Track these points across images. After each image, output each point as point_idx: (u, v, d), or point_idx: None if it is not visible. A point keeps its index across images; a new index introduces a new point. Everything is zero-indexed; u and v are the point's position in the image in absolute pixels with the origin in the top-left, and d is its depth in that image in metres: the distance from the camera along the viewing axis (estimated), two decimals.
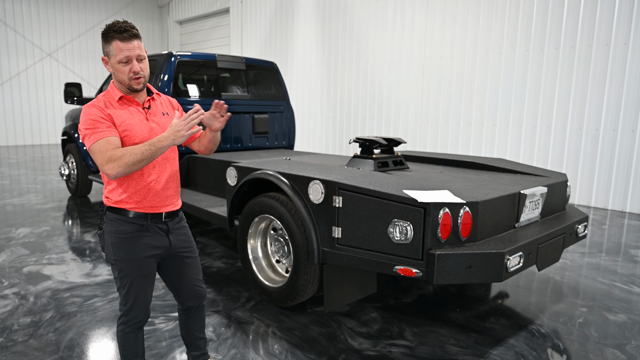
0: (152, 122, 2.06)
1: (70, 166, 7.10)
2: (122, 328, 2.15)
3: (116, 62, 1.93)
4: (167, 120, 2.12)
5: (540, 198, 3.18)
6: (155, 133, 2.03)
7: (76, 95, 6.39)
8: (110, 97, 2.00)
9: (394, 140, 3.92)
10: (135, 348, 2.20)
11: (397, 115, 9.54)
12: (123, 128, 1.96)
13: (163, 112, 2.13)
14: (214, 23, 15.27)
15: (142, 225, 2.04)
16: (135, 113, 2.02)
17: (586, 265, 4.44)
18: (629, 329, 3.19)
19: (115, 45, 1.91)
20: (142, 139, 1.97)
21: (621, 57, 6.55)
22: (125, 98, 2.02)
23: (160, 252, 2.11)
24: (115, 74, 1.96)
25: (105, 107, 1.95)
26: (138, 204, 2.03)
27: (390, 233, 2.56)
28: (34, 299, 3.52)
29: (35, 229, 5.44)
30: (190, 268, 2.24)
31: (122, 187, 2.01)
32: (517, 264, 2.61)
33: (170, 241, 2.13)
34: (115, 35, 1.90)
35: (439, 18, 8.60)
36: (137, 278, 2.06)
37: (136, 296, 2.08)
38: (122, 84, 1.99)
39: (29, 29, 14.70)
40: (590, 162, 7.01)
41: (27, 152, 13.08)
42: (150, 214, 2.06)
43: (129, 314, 2.11)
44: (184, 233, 2.21)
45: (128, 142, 1.96)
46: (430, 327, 3.16)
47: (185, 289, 2.26)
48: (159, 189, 2.06)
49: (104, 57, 1.98)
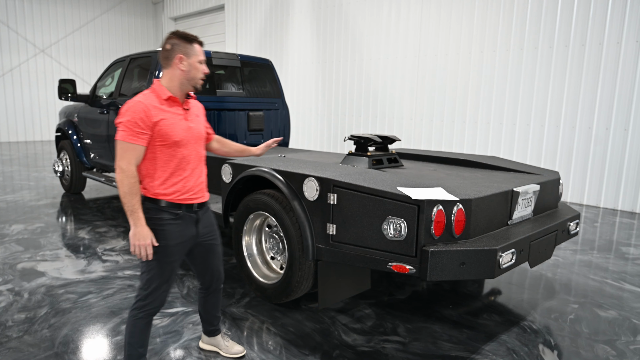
0: (190, 122, 2.27)
1: (64, 163, 7.08)
2: (136, 313, 2.26)
3: (197, 62, 2.21)
4: (199, 122, 2.36)
5: (532, 196, 3.21)
6: (191, 131, 2.25)
7: (70, 92, 6.36)
8: (158, 95, 2.19)
9: (388, 137, 3.94)
10: (142, 337, 2.30)
11: (391, 113, 9.56)
12: (164, 125, 2.14)
13: (196, 114, 2.36)
14: (208, 20, 15.22)
15: (177, 214, 2.23)
16: (177, 112, 2.22)
17: (578, 263, 4.49)
18: (619, 325, 3.23)
19: (197, 48, 2.23)
20: (180, 136, 2.19)
21: (614, 56, 6.60)
22: (171, 98, 2.20)
23: (188, 240, 2.30)
24: (190, 71, 2.20)
25: (152, 108, 2.12)
26: (173, 195, 2.22)
27: (384, 230, 2.59)
28: (28, 295, 3.51)
29: (29, 225, 5.42)
30: (214, 255, 2.49)
31: (159, 180, 2.20)
32: (509, 261, 2.64)
33: (198, 230, 2.34)
34: (196, 40, 2.24)
35: (434, 16, 8.63)
36: (162, 264, 2.22)
37: (159, 282, 2.23)
38: (190, 81, 2.22)
39: (22, 25, 14.59)
40: (582, 160, 7.07)
41: (21, 149, 13.00)
42: (185, 205, 2.25)
43: (147, 299, 2.24)
44: (210, 222, 2.44)
45: (167, 137, 2.15)
46: (424, 323, 3.19)
47: (208, 273, 2.51)
48: (192, 183, 2.27)
49: (181, 55, 2.18)
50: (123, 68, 5.74)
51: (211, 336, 2.74)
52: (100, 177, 6.10)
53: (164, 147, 2.16)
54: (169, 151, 2.17)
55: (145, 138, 2.11)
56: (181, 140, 2.19)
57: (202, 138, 2.35)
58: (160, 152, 2.17)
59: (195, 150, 2.28)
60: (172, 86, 2.22)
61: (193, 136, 2.26)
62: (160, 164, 2.18)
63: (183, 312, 3.27)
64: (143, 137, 2.10)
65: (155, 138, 2.14)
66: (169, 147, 2.17)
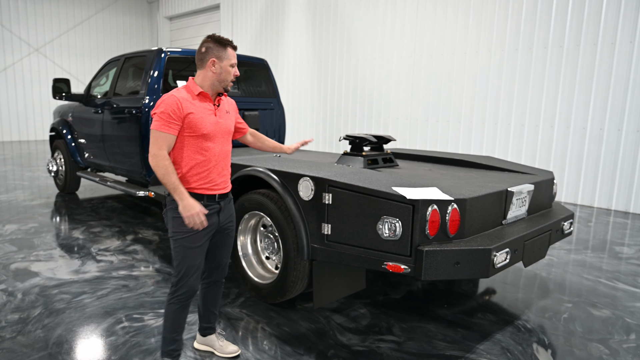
0: (219, 118, 2.41)
1: (58, 162, 7.04)
2: (170, 299, 2.40)
3: (228, 65, 2.36)
4: (229, 118, 2.49)
5: (527, 195, 3.22)
6: (218, 126, 2.39)
7: (64, 91, 6.33)
8: (190, 91, 2.35)
9: (383, 137, 3.94)
10: (176, 322, 2.43)
11: (387, 113, 9.57)
12: (193, 117, 2.28)
13: (227, 111, 2.50)
14: (204, 19, 15.19)
15: (200, 203, 2.32)
16: (207, 107, 2.37)
17: (572, 262, 4.51)
18: (613, 324, 3.25)
19: (230, 52, 2.37)
20: (208, 130, 2.33)
21: (608, 57, 6.64)
22: (202, 94, 2.35)
23: (211, 228, 2.41)
24: (221, 73, 2.34)
25: (184, 101, 2.28)
26: (197, 185, 2.35)
27: (379, 229, 2.59)
28: (21, 295, 3.49)
29: (23, 225, 5.39)
30: (226, 245, 2.58)
31: (184, 170, 2.34)
32: (503, 260, 2.65)
33: (220, 219, 2.45)
34: (230, 45, 2.37)
35: (430, 16, 8.65)
36: (190, 249, 2.35)
37: (188, 267, 2.35)
38: (221, 83, 2.37)
39: (17, 24, 14.51)
40: (577, 160, 7.10)
41: (14, 149, 12.93)
42: (207, 195, 2.37)
43: (177, 285, 2.37)
44: (230, 212, 2.56)
45: (196, 129, 2.30)
46: (418, 322, 3.20)
47: (215, 261, 2.60)
48: (216, 175, 2.39)
49: (214, 59, 2.33)
50: (118, 67, 5.72)
51: (206, 336, 2.75)
52: (95, 177, 6.08)
53: (192, 138, 2.31)
54: (196, 142, 2.32)
55: (176, 128, 2.27)
56: (209, 133, 2.33)
57: (230, 133, 2.49)
58: (188, 143, 2.31)
59: (222, 144, 2.41)
60: (204, 85, 2.37)
61: (220, 130, 2.40)
62: (186, 154, 2.32)
63: None
64: (174, 127, 2.26)
65: (184, 129, 2.29)
66: (197, 139, 2.32)
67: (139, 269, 4.10)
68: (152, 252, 4.54)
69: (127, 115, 5.13)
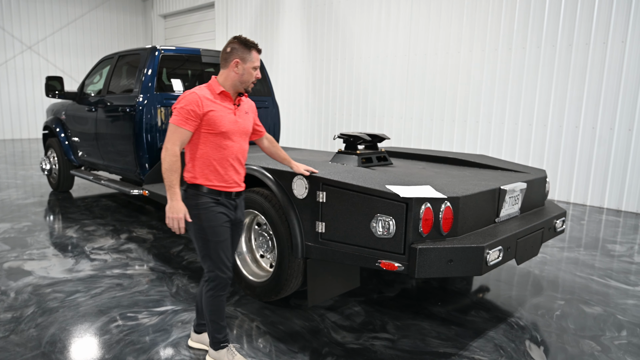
0: (238, 117, 2.46)
1: (52, 161, 7.01)
2: (211, 293, 2.47)
3: (251, 67, 2.41)
4: (248, 118, 2.54)
5: (519, 194, 3.24)
6: (237, 125, 2.44)
7: (57, 89, 6.30)
8: (212, 89, 2.42)
9: (377, 136, 3.95)
10: (221, 311, 2.52)
11: (381, 112, 9.59)
12: (213, 115, 2.35)
13: (246, 111, 2.55)
14: (198, 17, 15.14)
15: (217, 200, 2.42)
16: (227, 106, 2.43)
17: (565, 260, 4.54)
18: (604, 321, 3.28)
19: (254, 54, 2.42)
20: (227, 128, 2.39)
21: (600, 56, 6.68)
22: (223, 93, 2.42)
23: (230, 222, 2.49)
24: (243, 74, 2.40)
25: (204, 99, 2.35)
26: (213, 182, 2.41)
27: (373, 228, 2.60)
28: (14, 294, 3.48)
29: (16, 224, 5.36)
30: (235, 237, 2.62)
31: (200, 168, 2.40)
32: (496, 258, 2.66)
33: (236, 215, 2.54)
34: (255, 47, 2.43)
35: (424, 16, 8.67)
36: (215, 243, 2.41)
37: (217, 258, 2.43)
38: (242, 84, 2.43)
39: (9, 21, 14.40)
40: (569, 159, 7.15)
41: (7, 147, 12.84)
42: (224, 192, 2.44)
43: (211, 275, 2.45)
44: (243, 205, 2.63)
45: (215, 127, 2.36)
46: (412, 320, 3.22)
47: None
48: (233, 173, 2.46)
49: (238, 60, 2.38)
50: (111, 65, 5.70)
51: (200, 332, 2.77)
52: (89, 176, 6.05)
53: (211, 135, 2.37)
54: (214, 140, 2.38)
55: (193, 125, 2.33)
56: (227, 132, 2.39)
57: (248, 133, 2.55)
58: (206, 140, 2.37)
59: (239, 144, 2.47)
60: (226, 85, 2.43)
61: (239, 130, 2.45)
62: (205, 151, 2.39)
63: (172, 310, 3.26)
64: (191, 124, 2.32)
65: (203, 126, 2.35)
66: (215, 137, 2.37)
67: (133, 267, 4.09)
68: (147, 251, 4.53)
69: (121, 113, 5.12)
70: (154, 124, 4.94)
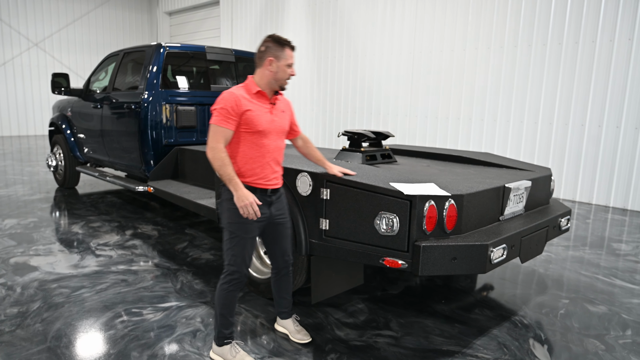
0: (274, 116, 2.51)
1: (58, 157, 7.05)
2: (226, 287, 2.53)
3: (285, 65, 2.45)
4: (284, 116, 2.59)
5: (524, 192, 3.23)
6: (273, 124, 2.49)
7: (63, 86, 6.33)
8: (248, 89, 2.48)
9: (382, 133, 3.95)
10: (233, 306, 2.58)
11: (386, 109, 9.57)
12: (250, 114, 2.41)
13: (282, 110, 2.60)
14: (204, 14, 15.15)
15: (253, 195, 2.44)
16: (264, 105, 2.48)
17: (570, 259, 4.53)
18: (609, 320, 3.26)
19: (288, 52, 2.46)
20: (264, 127, 2.44)
21: (606, 54, 6.64)
22: (260, 92, 2.47)
23: (263, 220, 2.53)
24: (277, 73, 2.45)
25: (242, 99, 2.41)
26: (250, 179, 2.48)
27: (376, 225, 2.60)
28: (21, 289, 3.51)
29: (22, 220, 5.40)
30: (283, 236, 2.69)
31: (239, 164, 2.47)
32: (500, 256, 2.66)
33: (271, 212, 2.57)
34: (288, 45, 2.47)
35: (429, 13, 8.63)
36: (242, 239, 2.49)
37: (239, 255, 2.50)
38: (277, 81, 2.47)
39: (15, 18, 14.47)
40: (575, 157, 7.11)
41: (14, 143, 12.92)
42: (259, 189, 2.50)
43: (231, 270, 2.52)
44: (282, 206, 2.66)
45: (252, 126, 2.42)
46: (416, 318, 3.22)
47: (278, 252, 2.72)
48: (269, 170, 2.51)
49: (272, 58, 2.43)
50: (117, 62, 5.72)
51: (283, 319, 2.92)
52: (94, 172, 6.08)
53: (248, 134, 2.43)
54: (252, 138, 2.44)
55: (234, 123, 2.40)
56: (264, 130, 2.45)
57: (284, 132, 2.59)
58: (244, 139, 2.44)
59: (276, 142, 2.52)
60: (262, 83, 2.49)
61: (275, 128, 2.50)
62: (242, 149, 2.45)
63: (177, 306, 3.28)
64: (232, 123, 2.39)
65: (241, 125, 2.42)
66: (253, 135, 2.44)
67: (138, 263, 4.12)
68: (151, 247, 4.55)
69: (126, 110, 5.13)
70: (159, 120, 4.95)
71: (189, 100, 5.19)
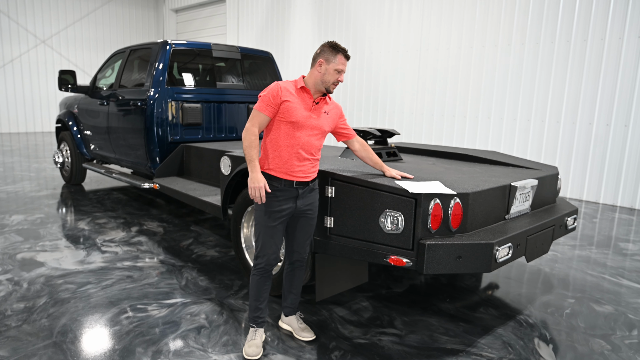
0: (313, 113, 2.59)
1: (65, 154, 7.08)
2: (256, 273, 2.68)
3: (333, 69, 2.54)
4: (325, 118, 2.65)
5: (530, 190, 3.21)
6: (309, 120, 2.56)
7: (70, 83, 6.36)
8: (295, 84, 2.60)
9: (387, 131, 3.94)
10: (259, 291, 2.71)
11: (392, 107, 9.55)
12: (288, 105, 2.52)
13: (325, 112, 2.66)
14: (210, 12, 15.17)
15: (277, 187, 2.55)
16: (305, 101, 2.58)
17: (576, 258, 4.50)
18: (615, 320, 3.24)
19: (340, 58, 2.55)
20: (297, 118, 2.53)
21: (615, 52, 6.58)
22: (303, 88, 2.58)
23: (286, 212, 2.60)
24: (325, 75, 2.54)
25: (284, 90, 2.53)
26: (275, 167, 2.56)
27: (381, 223, 2.59)
28: (27, 285, 3.53)
29: (29, 216, 5.44)
30: (304, 228, 2.71)
31: (269, 155, 2.57)
32: (506, 255, 2.64)
33: (297, 205, 2.62)
34: (342, 52, 2.56)
35: (436, 10, 8.59)
36: (267, 228, 2.59)
37: (264, 243, 2.62)
38: (323, 83, 2.56)
39: (23, 15, 14.56)
40: (582, 156, 7.06)
41: (21, 140, 13.01)
42: (284, 180, 2.56)
43: (258, 259, 2.65)
44: (311, 201, 2.68)
45: (287, 116, 2.52)
46: (420, 316, 3.21)
47: (295, 244, 2.75)
48: (296, 163, 2.56)
49: (323, 60, 2.54)
50: (123, 59, 5.73)
51: (287, 315, 2.95)
52: (101, 169, 6.11)
53: (283, 123, 2.53)
54: (285, 128, 2.53)
55: (272, 111, 2.52)
56: (297, 122, 2.52)
57: (321, 131, 2.62)
58: (278, 127, 2.54)
59: (307, 137, 2.56)
60: (309, 82, 2.59)
61: (310, 124, 2.56)
62: (274, 137, 2.55)
63: (181, 303, 3.29)
64: (269, 110, 2.52)
65: (279, 113, 2.53)
66: (286, 125, 2.53)
67: (143, 260, 4.13)
68: (157, 244, 4.57)
69: (133, 107, 5.15)
70: (165, 117, 4.97)
71: (195, 98, 5.20)
